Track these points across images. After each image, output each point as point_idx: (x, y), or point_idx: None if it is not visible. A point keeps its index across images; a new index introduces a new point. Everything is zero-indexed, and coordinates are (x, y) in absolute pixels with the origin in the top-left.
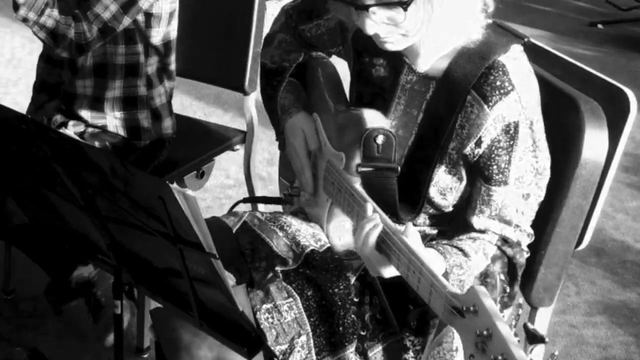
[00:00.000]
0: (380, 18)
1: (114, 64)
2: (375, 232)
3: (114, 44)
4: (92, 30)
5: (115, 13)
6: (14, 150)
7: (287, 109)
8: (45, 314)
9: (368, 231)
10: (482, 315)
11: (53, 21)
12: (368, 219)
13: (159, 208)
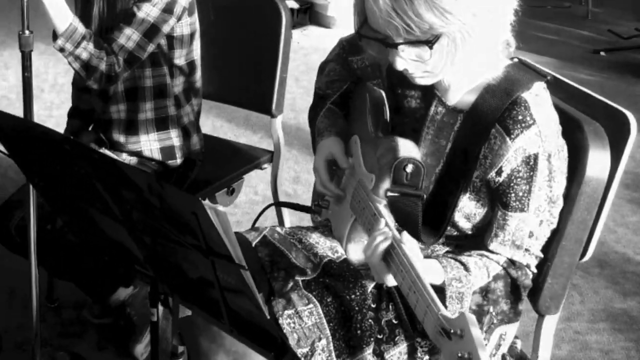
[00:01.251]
0: (408, 55)
1: (143, 87)
2: (384, 244)
3: (141, 68)
4: (119, 61)
5: (139, 42)
6: (59, 169)
7: (321, 132)
8: (86, 322)
9: (378, 242)
10: (467, 340)
11: (87, 54)
12: (380, 232)
13: (192, 223)
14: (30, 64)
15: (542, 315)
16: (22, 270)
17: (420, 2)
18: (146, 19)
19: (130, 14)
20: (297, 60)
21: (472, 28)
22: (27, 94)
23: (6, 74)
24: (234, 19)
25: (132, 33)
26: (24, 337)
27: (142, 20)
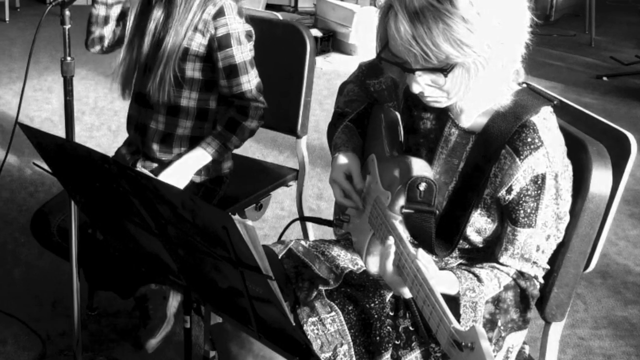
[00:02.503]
0: (424, 80)
1: (187, 107)
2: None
3: (189, 90)
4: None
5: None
6: (98, 186)
7: (338, 147)
8: (124, 329)
9: (391, 256)
10: (477, 353)
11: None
12: (385, 248)
13: (222, 236)
14: (71, 88)
15: (548, 322)
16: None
17: (438, 33)
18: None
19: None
20: (321, 85)
21: (485, 60)
22: (69, 117)
23: (50, 98)
24: (262, 47)
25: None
26: (66, 344)
27: (244, 63)
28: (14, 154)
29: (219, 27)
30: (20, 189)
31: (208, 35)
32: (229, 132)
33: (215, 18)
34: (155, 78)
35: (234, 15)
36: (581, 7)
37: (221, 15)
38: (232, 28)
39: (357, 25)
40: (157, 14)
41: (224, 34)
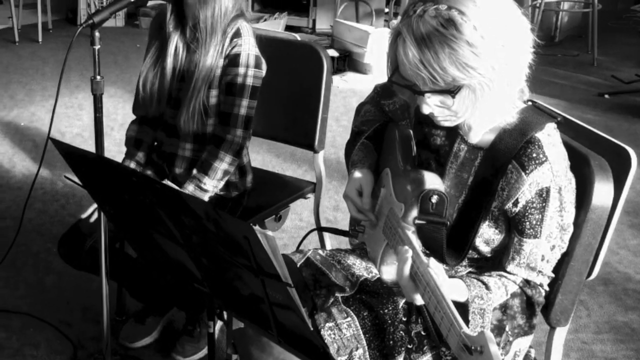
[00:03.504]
0: (433, 101)
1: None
2: (407, 266)
3: (214, 116)
4: (241, 134)
5: (250, 105)
6: (126, 198)
7: (355, 163)
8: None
9: (405, 264)
10: (486, 356)
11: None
12: (402, 255)
13: (244, 246)
14: (101, 105)
15: (553, 327)
16: (94, 290)
17: (444, 57)
18: (246, 83)
19: (232, 84)
20: (337, 102)
21: (491, 81)
22: (99, 132)
23: (80, 115)
24: (282, 66)
25: (241, 100)
26: (96, 348)
27: (243, 85)
28: (47, 167)
29: (234, 46)
30: (52, 201)
31: (225, 54)
32: (202, 173)
33: (233, 38)
34: (187, 111)
35: (249, 37)
36: (584, 28)
37: (238, 36)
38: (244, 49)
39: (371, 46)
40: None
41: (236, 52)
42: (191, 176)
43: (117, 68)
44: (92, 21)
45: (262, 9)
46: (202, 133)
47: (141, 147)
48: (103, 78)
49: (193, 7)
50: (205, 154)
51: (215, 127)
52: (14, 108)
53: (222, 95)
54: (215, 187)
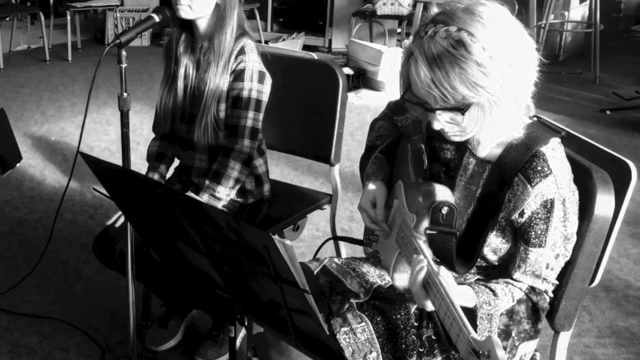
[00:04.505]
0: (444, 118)
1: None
2: (421, 273)
3: (224, 129)
4: (249, 143)
5: (255, 117)
6: (151, 209)
7: (369, 176)
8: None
9: (416, 272)
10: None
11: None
12: (416, 262)
13: (264, 254)
14: (127, 121)
15: (557, 331)
16: (121, 296)
17: (454, 77)
18: (252, 96)
19: (238, 98)
20: (352, 118)
21: (498, 98)
22: (125, 147)
23: (108, 130)
24: (299, 83)
25: (248, 113)
26: (123, 351)
27: (249, 99)
28: (76, 180)
29: (239, 62)
30: (82, 211)
31: (231, 70)
32: (214, 183)
33: (238, 56)
34: (200, 127)
35: (253, 54)
36: (587, 48)
37: (242, 53)
38: (248, 65)
39: (384, 64)
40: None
41: (241, 68)
42: (205, 186)
43: (142, 85)
44: (119, 41)
45: (281, 29)
46: (215, 145)
47: (163, 160)
48: (129, 95)
49: (205, 32)
50: (216, 165)
51: (224, 139)
52: (45, 124)
53: (229, 108)
54: (227, 196)
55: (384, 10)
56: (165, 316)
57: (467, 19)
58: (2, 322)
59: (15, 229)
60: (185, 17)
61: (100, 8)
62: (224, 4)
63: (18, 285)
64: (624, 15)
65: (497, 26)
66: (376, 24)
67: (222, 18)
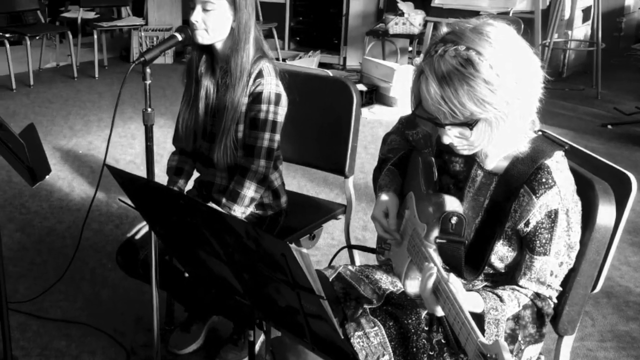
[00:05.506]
0: (453, 133)
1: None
2: (431, 279)
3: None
4: (265, 164)
5: (271, 138)
6: (174, 219)
7: (381, 187)
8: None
9: (427, 279)
10: None
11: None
12: (427, 270)
13: (281, 262)
14: (151, 135)
15: (561, 335)
16: (145, 301)
17: (463, 93)
18: (269, 118)
19: (256, 119)
20: (366, 132)
21: (505, 114)
22: (149, 159)
23: (133, 143)
24: (315, 99)
25: (264, 134)
26: (147, 354)
27: (266, 120)
28: (102, 191)
29: (257, 85)
30: (108, 221)
31: (249, 92)
32: (230, 202)
33: (256, 78)
34: (220, 148)
35: (271, 76)
36: (589, 65)
37: (260, 76)
38: (266, 88)
39: (396, 81)
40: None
41: (258, 91)
42: (222, 204)
43: (166, 101)
44: (144, 59)
45: (298, 48)
46: (234, 164)
47: (182, 175)
48: (153, 110)
49: (223, 54)
50: (233, 184)
51: (241, 159)
52: (73, 137)
53: (247, 129)
54: (243, 213)
55: (396, 30)
56: (188, 321)
57: (475, 38)
58: (33, 326)
59: (44, 238)
60: (202, 42)
61: (125, 27)
62: (239, 27)
63: (47, 292)
64: (624, 35)
65: (503, 45)
66: (388, 42)
67: (238, 41)
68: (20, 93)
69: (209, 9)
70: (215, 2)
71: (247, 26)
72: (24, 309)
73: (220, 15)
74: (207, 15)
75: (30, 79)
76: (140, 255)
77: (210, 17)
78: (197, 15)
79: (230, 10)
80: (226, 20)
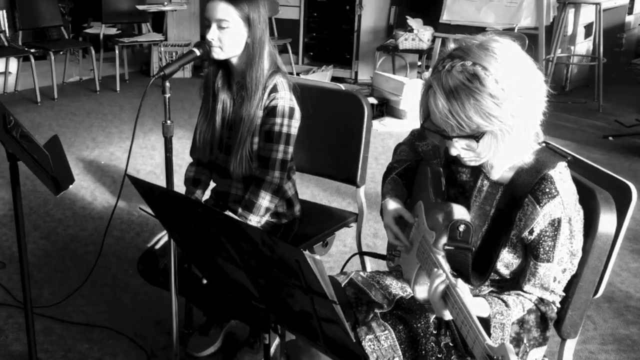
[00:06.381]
0: (460, 145)
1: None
2: (441, 286)
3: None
4: (278, 175)
5: (285, 150)
6: (193, 227)
7: (385, 195)
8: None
9: (437, 285)
10: None
11: (265, 206)
12: (437, 276)
13: (295, 268)
14: (171, 146)
15: (564, 339)
16: (165, 306)
17: (470, 107)
18: (283, 131)
19: (270, 132)
20: (376, 143)
21: (510, 127)
22: (169, 170)
23: (153, 154)
24: (328, 112)
25: (279, 146)
26: (166, 357)
27: (280, 133)
28: (124, 200)
29: (272, 99)
30: (129, 229)
31: (264, 106)
32: (246, 211)
33: (271, 93)
34: (236, 159)
35: (285, 91)
36: (591, 79)
37: (275, 90)
38: (280, 102)
39: (406, 94)
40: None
41: (273, 105)
42: (238, 214)
43: (185, 114)
44: (163, 73)
45: (312, 62)
46: (250, 175)
47: (199, 185)
48: (173, 122)
49: (239, 68)
50: (248, 194)
51: (256, 170)
52: (95, 148)
53: (262, 141)
54: (258, 223)
55: (406, 45)
56: (206, 325)
57: (482, 54)
58: (57, 330)
59: (68, 244)
60: (218, 58)
61: (146, 43)
62: (253, 43)
63: (71, 297)
64: (625, 50)
65: (509, 61)
66: (398, 57)
67: (253, 56)
68: (44, 106)
69: (224, 26)
70: (230, 20)
71: (261, 42)
72: (48, 313)
73: (235, 32)
74: (223, 32)
75: (54, 92)
76: (160, 264)
77: (226, 35)
78: (213, 33)
79: (244, 27)
80: (241, 37)
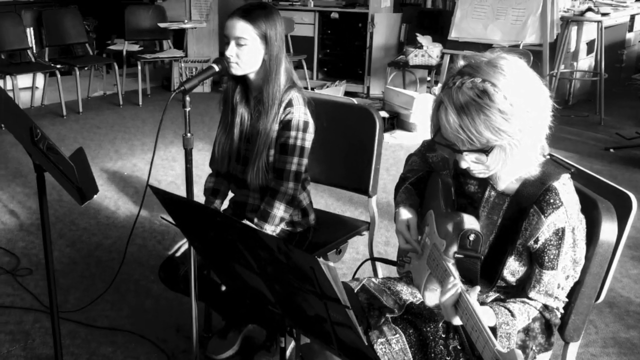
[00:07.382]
0: (470, 158)
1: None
2: (455, 293)
3: (269, 172)
4: (293, 186)
5: (299, 162)
6: (212, 235)
7: (398, 203)
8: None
9: (450, 292)
10: None
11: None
12: (452, 284)
13: (310, 274)
14: (191, 158)
15: (567, 342)
16: (185, 311)
17: (480, 122)
18: (297, 144)
19: (285, 145)
20: (387, 155)
21: (518, 141)
22: (189, 180)
23: (174, 166)
24: (341, 125)
25: (293, 158)
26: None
27: (295, 146)
28: (146, 209)
29: (287, 114)
30: (151, 237)
31: (279, 120)
32: (262, 221)
33: (286, 107)
34: (253, 171)
35: (300, 105)
36: (593, 94)
37: (290, 105)
38: (295, 116)
39: (416, 108)
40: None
41: (288, 119)
42: (254, 223)
43: (204, 127)
44: (184, 88)
45: (325, 78)
46: (266, 185)
47: (218, 195)
48: (193, 135)
49: (256, 84)
50: (264, 204)
51: (271, 181)
52: (119, 160)
53: (277, 154)
54: (273, 231)
55: (416, 61)
56: (225, 329)
57: (490, 71)
58: (81, 334)
59: (92, 252)
60: (236, 74)
61: (167, 59)
62: (270, 60)
63: (95, 302)
64: (625, 65)
65: (516, 77)
66: (409, 72)
67: (270, 72)
68: (70, 119)
69: (242, 43)
70: (248, 37)
71: (277, 58)
72: (73, 318)
73: (252, 49)
74: (241, 49)
75: (79, 106)
76: (180, 271)
77: (244, 51)
78: (232, 50)
79: (262, 45)
80: (258, 54)
